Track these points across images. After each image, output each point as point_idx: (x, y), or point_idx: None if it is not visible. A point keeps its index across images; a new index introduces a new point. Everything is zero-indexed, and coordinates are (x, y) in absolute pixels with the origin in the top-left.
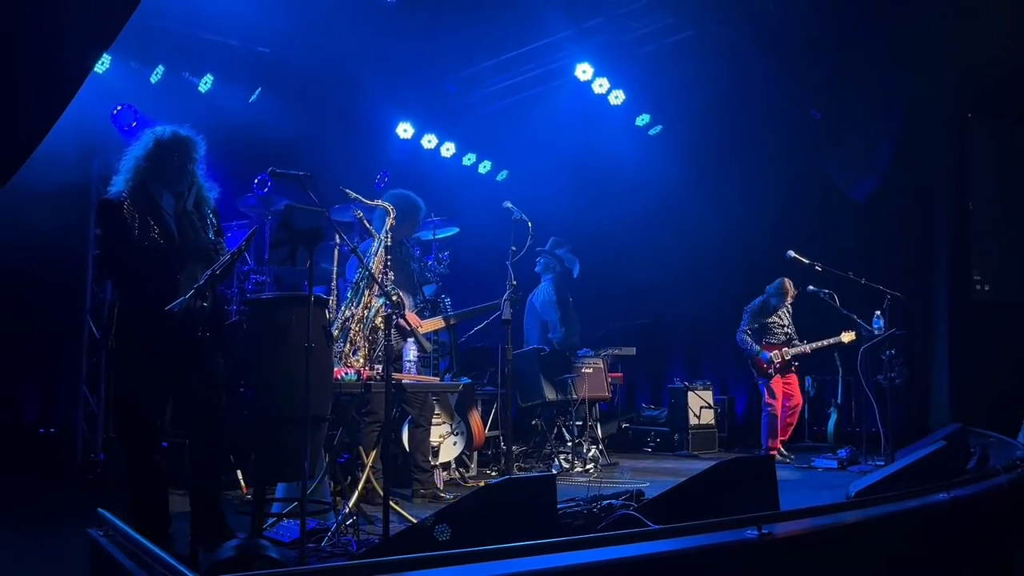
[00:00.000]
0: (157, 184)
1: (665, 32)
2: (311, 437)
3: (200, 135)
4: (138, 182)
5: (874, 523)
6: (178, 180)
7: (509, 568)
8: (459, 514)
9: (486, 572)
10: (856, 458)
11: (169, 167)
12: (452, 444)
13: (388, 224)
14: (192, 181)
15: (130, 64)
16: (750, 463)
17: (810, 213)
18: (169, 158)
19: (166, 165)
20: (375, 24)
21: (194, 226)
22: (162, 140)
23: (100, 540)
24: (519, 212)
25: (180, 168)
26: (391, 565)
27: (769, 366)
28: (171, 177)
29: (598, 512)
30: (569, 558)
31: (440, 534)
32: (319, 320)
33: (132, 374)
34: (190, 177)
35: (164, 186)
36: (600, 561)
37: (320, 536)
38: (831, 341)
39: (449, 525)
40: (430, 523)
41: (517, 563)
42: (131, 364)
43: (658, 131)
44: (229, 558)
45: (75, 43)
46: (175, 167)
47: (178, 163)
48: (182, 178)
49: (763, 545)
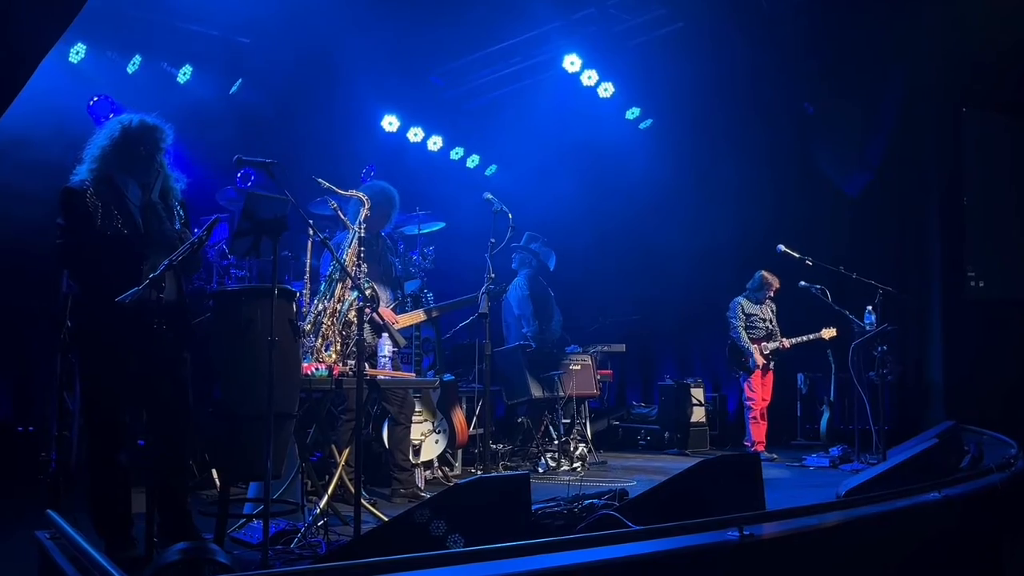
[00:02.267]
0: (122, 174)
1: (655, 24)
2: (275, 435)
3: (169, 124)
4: (103, 171)
5: (862, 524)
6: (145, 170)
7: (485, 571)
8: (426, 515)
9: (460, 574)
10: (848, 456)
11: (136, 157)
12: (434, 442)
13: (362, 215)
14: (159, 171)
15: (106, 54)
16: (735, 462)
17: (803, 207)
18: (136, 147)
19: (133, 155)
20: (359, 15)
21: (159, 217)
22: (129, 129)
23: (46, 543)
24: (499, 204)
25: (147, 158)
26: (354, 569)
27: (749, 361)
28: (137, 167)
29: (579, 512)
30: (543, 560)
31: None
32: (285, 313)
33: (94, 367)
34: (157, 167)
35: (130, 176)
36: (576, 563)
37: (290, 538)
38: (811, 337)
39: (415, 527)
40: (396, 525)
41: (487, 567)
42: (92, 357)
43: (648, 124)
44: (173, 562)
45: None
46: (142, 157)
47: (145, 153)
48: (149, 168)
49: (745, 547)
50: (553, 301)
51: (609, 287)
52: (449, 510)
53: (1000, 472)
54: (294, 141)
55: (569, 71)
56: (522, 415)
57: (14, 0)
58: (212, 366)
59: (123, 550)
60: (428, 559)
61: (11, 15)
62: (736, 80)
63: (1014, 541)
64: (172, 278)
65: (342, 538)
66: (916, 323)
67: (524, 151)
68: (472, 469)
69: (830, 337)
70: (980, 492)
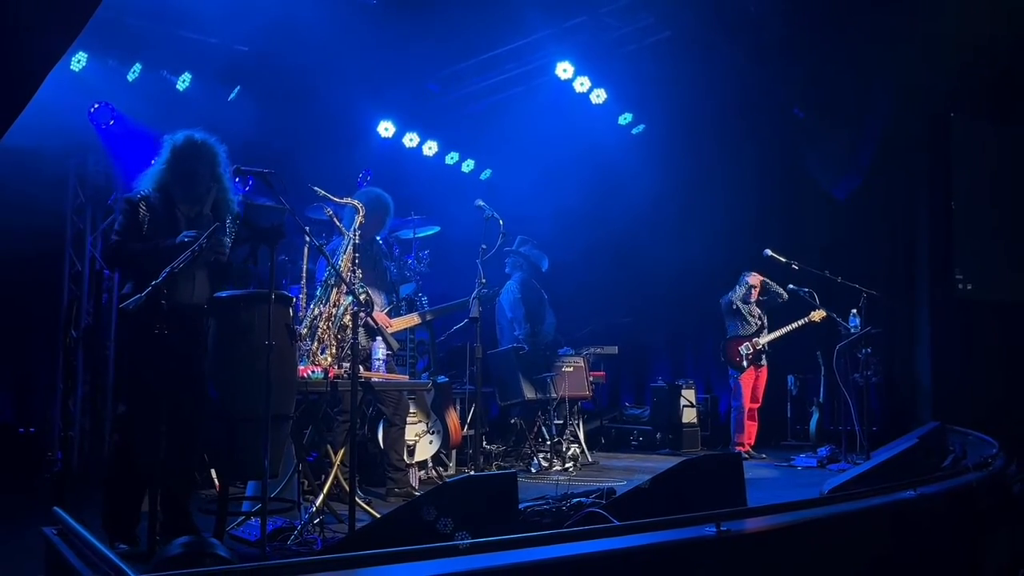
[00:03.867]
0: (176, 188)
1: (646, 31)
2: (273, 436)
3: (217, 138)
4: (160, 184)
5: (838, 520)
6: (192, 184)
7: (469, 564)
8: (416, 512)
9: (446, 568)
10: (836, 456)
11: (184, 172)
12: (428, 443)
13: (357, 222)
14: (210, 186)
15: (107, 62)
16: (717, 461)
17: (792, 211)
18: (182, 163)
19: (182, 170)
20: (355, 22)
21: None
22: (175, 146)
23: (53, 538)
24: (491, 210)
25: (191, 173)
26: (350, 561)
27: (742, 358)
28: (187, 182)
29: (567, 510)
30: (530, 554)
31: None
32: (282, 318)
33: (133, 366)
34: (206, 181)
35: (182, 189)
36: (562, 556)
37: (287, 535)
38: (802, 322)
39: (406, 523)
40: (388, 520)
41: (477, 559)
42: (134, 355)
43: (641, 130)
44: (176, 556)
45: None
46: (188, 172)
47: (189, 168)
48: (195, 182)
49: (721, 542)
50: (547, 303)
51: (602, 290)
52: (439, 507)
53: (977, 471)
54: (291, 146)
55: (562, 78)
56: (515, 416)
57: (20, 16)
58: (210, 369)
59: (127, 546)
60: (419, 552)
61: (17, 31)
62: (725, 86)
63: (991, 539)
64: (205, 284)
65: (337, 535)
66: (904, 325)
67: (518, 156)
68: (465, 469)
69: (821, 319)
70: (956, 490)
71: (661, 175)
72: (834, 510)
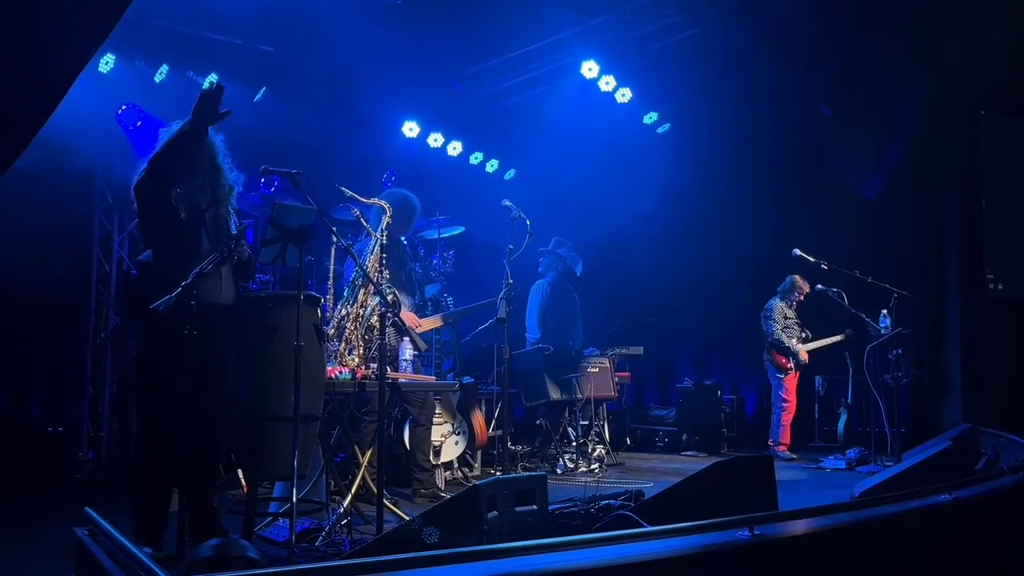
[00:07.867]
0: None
1: (672, 30)
2: (301, 436)
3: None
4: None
5: (873, 524)
6: (191, 173)
7: (500, 568)
8: (447, 514)
9: (475, 572)
10: (865, 458)
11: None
12: (454, 443)
13: (384, 222)
14: (210, 173)
15: (134, 63)
16: (748, 463)
17: (820, 210)
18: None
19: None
20: (380, 22)
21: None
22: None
23: (84, 539)
24: (517, 210)
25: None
26: (380, 565)
27: (790, 362)
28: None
29: (596, 512)
30: (561, 558)
31: (428, 536)
32: (310, 318)
33: (152, 357)
34: (206, 170)
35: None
36: (593, 561)
37: (315, 536)
38: (840, 338)
39: (437, 525)
40: (417, 523)
41: (508, 563)
42: (153, 347)
43: (666, 129)
44: (207, 558)
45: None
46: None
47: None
48: (193, 170)
49: (755, 546)
50: (577, 310)
51: (627, 290)
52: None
53: (1012, 474)
54: (316, 147)
55: (587, 77)
56: (541, 417)
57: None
58: (238, 369)
59: (151, 550)
60: (447, 556)
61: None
62: (752, 84)
63: None
64: (231, 281)
65: (365, 536)
66: (934, 325)
67: (543, 155)
68: (491, 470)
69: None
70: (991, 494)
71: (687, 174)
72: (869, 514)
